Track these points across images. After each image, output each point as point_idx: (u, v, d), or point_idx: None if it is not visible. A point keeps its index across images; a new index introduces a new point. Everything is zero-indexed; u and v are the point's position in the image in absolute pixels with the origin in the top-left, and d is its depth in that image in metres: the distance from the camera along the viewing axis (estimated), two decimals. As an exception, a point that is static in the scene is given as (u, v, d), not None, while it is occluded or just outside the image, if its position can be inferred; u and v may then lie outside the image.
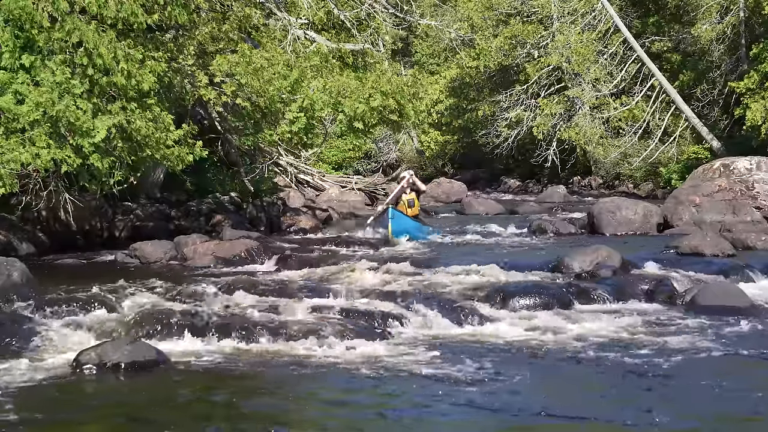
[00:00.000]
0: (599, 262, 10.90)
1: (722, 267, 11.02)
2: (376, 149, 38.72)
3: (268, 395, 6.18)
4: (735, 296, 9.23)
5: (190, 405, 5.98)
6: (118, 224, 15.06)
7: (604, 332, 7.95)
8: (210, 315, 8.15)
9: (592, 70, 30.19)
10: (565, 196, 28.35)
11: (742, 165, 18.44)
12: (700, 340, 7.59)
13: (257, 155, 18.63)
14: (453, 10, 34.89)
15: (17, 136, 10.31)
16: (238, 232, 14.61)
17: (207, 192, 18.03)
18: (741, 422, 5.52)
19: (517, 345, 7.55)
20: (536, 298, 9.11)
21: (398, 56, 35.35)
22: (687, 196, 17.16)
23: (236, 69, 13.54)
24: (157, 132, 11.38)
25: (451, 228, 17.13)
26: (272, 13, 18.27)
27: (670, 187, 25.23)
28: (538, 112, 31.78)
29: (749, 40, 28.12)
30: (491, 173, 38.40)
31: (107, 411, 5.79)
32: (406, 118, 16.56)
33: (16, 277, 9.33)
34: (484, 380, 6.36)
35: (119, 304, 8.79)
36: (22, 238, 13.09)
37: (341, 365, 6.85)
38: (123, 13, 11.03)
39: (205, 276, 11.06)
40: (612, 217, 16.20)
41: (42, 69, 10.61)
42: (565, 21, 31.18)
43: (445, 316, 8.43)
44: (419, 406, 5.80)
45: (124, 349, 6.74)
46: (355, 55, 19.76)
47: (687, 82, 30.20)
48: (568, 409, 5.67)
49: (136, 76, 11.01)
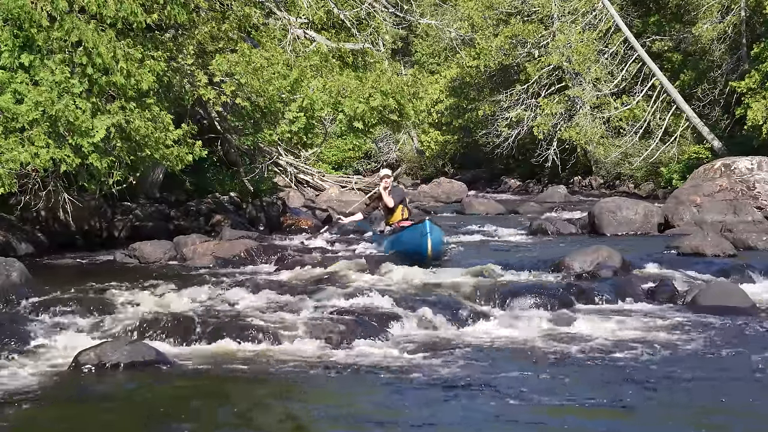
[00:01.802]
0: (600, 262, 10.89)
1: (723, 267, 11.00)
2: (376, 149, 38.73)
3: (267, 395, 6.16)
4: (736, 296, 9.21)
5: (189, 405, 5.96)
6: (117, 224, 15.03)
7: (604, 332, 7.92)
8: (209, 315, 8.14)
9: (592, 69, 30.17)
10: (565, 196, 28.34)
11: (743, 165, 18.43)
12: (701, 341, 7.57)
13: (257, 155, 18.59)
14: (453, 9, 34.87)
15: (16, 136, 10.30)
16: (237, 232, 14.59)
17: (206, 192, 18.00)
18: (741, 422, 5.50)
19: (517, 345, 7.52)
20: (536, 299, 9.08)
21: (398, 56, 35.36)
22: (688, 196, 17.16)
23: (236, 68, 13.51)
24: (156, 132, 11.36)
25: (452, 228, 17.09)
26: (272, 12, 18.24)
27: (670, 187, 25.21)
28: (539, 112, 31.76)
29: (750, 39, 28.10)
30: (491, 173, 38.40)
31: (106, 412, 5.76)
32: (406, 117, 16.53)
33: (14, 277, 9.32)
34: (484, 380, 6.34)
35: (118, 305, 8.77)
36: (21, 238, 13.07)
37: (341, 365, 6.83)
38: (122, 12, 11.00)
39: (204, 276, 11.03)
40: (613, 217, 16.18)
41: (41, 68, 10.59)
42: (565, 20, 31.15)
43: (445, 316, 8.41)
44: (419, 407, 5.78)
45: (123, 350, 6.73)
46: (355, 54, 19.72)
47: (688, 81, 30.18)
48: (568, 409, 5.66)
49: (135, 76, 10.99)
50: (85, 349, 6.82)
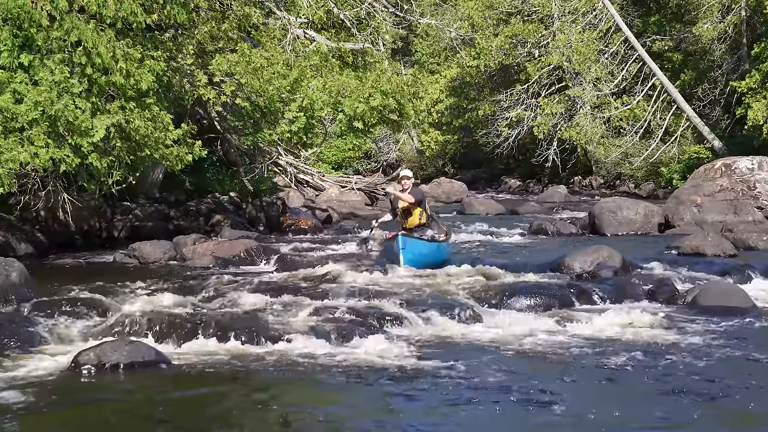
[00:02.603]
0: (600, 262, 10.88)
1: (724, 267, 11.00)
2: (375, 149, 38.73)
3: (267, 396, 6.14)
4: (736, 297, 9.19)
5: (189, 406, 5.95)
6: (116, 224, 15.02)
7: (605, 333, 7.91)
8: (209, 315, 8.12)
9: (593, 69, 30.16)
10: (565, 196, 28.34)
11: (743, 165, 18.41)
12: (701, 341, 7.55)
13: (257, 155, 18.59)
14: (453, 9, 34.86)
15: (15, 136, 10.29)
16: (237, 232, 14.58)
17: (206, 192, 17.99)
18: (742, 422, 5.49)
19: (516, 345, 7.51)
20: (537, 299, 9.07)
21: (398, 55, 35.35)
22: (688, 196, 17.14)
23: (235, 68, 13.51)
24: (156, 131, 11.35)
25: (451, 228, 17.06)
26: (272, 12, 18.23)
27: (671, 187, 25.21)
28: (539, 112, 31.76)
29: (751, 39, 28.09)
30: (492, 173, 38.40)
31: (106, 412, 5.75)
32: (406, 117, 16.52)
33: (14, 277, 9.30)
34: (485, 381, 6.32)
35: (118, 305, 8.75)
36: (20, 238, 13.06)
37: (341, 365, 6.82)
38: (122, 12, 10.99)
39: (204, 276, 11.01)
40: (613, 217, 16.17)
41: (41, 68, 10.59)
42: (565, 20, 31.15)
43: (446, 316, 8.40)
44: (420, 407, 5.76)
45: (123, 350, 6.71)
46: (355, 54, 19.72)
47: (688, 81, 30.17)
48: (568, 410, 5.65)
49: (134, 76, 10.98)
50: (84, 350, 6.80)
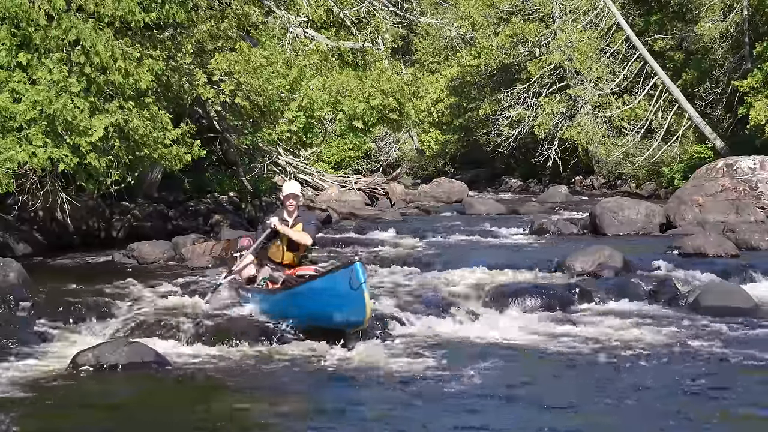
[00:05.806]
0: (601, 262, 10.86)
1: (725, 267, 10.98)
2: (375, 149, 38.65)
3: (266, 396, 6.13)
4: (738, 297, 9.18)
5: (188, 406, 5.93)
6: (115, 224, 14.97)
7: (606, 333, 7.90)
8: (208, 316, 8.09)
9: (594, 68, 30.11)
10: (566, 195, 28.29)
11: (745, 164, 18.35)
12: (702, 341, 7.54)
13: (256, 154, 18.52)
14: (454, 8, 34.82)
15: (14, 135, 10.27)
16: (236, 232, 14.51)
17: (205, 192, 17.96)
18: (743, 422, 5.48)
19: (518, 346, 7.49)
20: (538, 299, 9.05)
21: (398, 55, 35.23)
22: (690, 195, 17.06)
23: (235, 67, 13.47)
24: (154, 131, 11.32)
25: (452, 228, 17.05)
26: (271, 11, 18.20)
27: (672, 187, 25.14)
28: (540, 111, 31.71)
29: (753, 38, 27.99)
30: (492, 173, 38.34)
31: (105, 413, 5.72)
32: (406, 117, 16.49)
33: (12, 277, 9.30)
34: (485, 381, 6.30)
35: (117, 305, 8.73)
36: (18, 238, 13.02)
37: (341, 366, 6.80)
38: (120, 11, 10.95)
39: (203, 276, 10.98)
40: (614, 217, 16.12)
41: (39, 67, 10.56)
42: (566, 19, 31.10)
43: (446, 316, 8.40)
44: (420, 408, 5.73)
45: (121, 351, 6.70)
46: (355, 53, 19.69)
47: (690, 80, 30.11)
48: (569, 410, 5.63)
49: (133, 75, 10.94)
50: (83, 350, 6.79)
